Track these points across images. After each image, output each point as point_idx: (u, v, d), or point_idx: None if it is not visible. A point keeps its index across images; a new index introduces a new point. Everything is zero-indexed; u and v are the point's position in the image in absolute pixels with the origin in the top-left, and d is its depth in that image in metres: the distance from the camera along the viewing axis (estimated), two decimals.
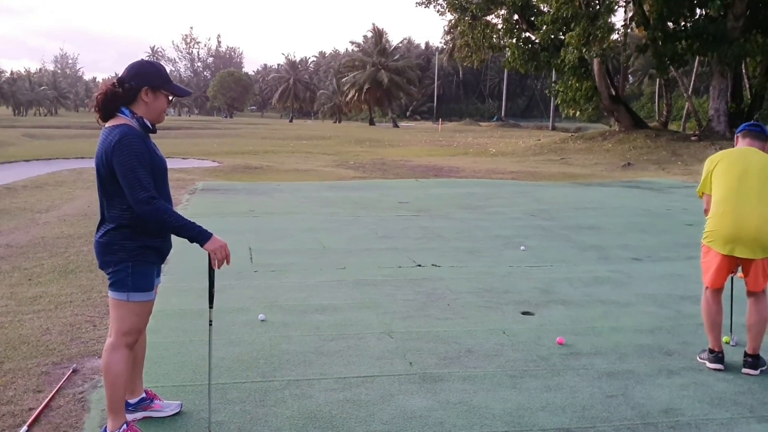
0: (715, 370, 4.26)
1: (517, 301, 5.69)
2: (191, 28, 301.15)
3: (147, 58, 2.96)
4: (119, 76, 3.03)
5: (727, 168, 4.30)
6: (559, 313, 5.42)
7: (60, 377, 3.79)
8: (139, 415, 3.28)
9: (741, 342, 4.57)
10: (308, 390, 3.76)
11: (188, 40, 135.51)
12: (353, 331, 4.81)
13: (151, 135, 3.10)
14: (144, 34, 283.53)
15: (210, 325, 3.15)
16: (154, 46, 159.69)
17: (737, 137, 4.59)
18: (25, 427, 3.16)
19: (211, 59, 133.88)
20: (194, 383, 3.79)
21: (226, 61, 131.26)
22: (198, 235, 2.93)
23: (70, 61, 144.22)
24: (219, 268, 2.99)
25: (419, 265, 6.98)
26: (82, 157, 21.21)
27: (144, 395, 3.34)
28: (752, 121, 5.29)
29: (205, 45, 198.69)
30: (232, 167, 19.42)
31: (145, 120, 3.02)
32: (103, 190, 2.98)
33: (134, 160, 2.84)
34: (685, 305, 5.67)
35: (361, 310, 5.34)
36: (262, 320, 4.96)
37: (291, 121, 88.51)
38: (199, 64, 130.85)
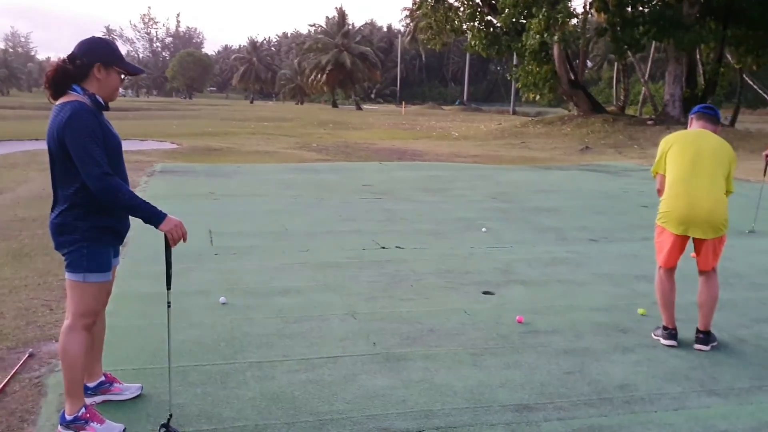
0: (668, 346, 4.40)
1: (478, 282, 5.77)
2: (149, 7, 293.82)
3: (99, 36, 2.91)
4: (70, 52, 2.95)
5: (681, 150, 4.43)
6: (519, 292, 5.51)
7: (15, 362, 3.71)
8: (99, 398, 3.24)
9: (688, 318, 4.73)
10: (270, 371, 3.76)
11: (146, 20, 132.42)
12: (316, 313, 4.82)
13: (104, 113, 3.02)
14: (100, 13, 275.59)
15: (168, 306, 3.11)
16: (109, 26, 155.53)
17: (691, 119, 4.73)
18: None
19: (170, 39, 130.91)
20: (154, 366, 3.75)
21: (186, 42, 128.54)
22: (151, 216, 2.87)
23: (22, 39, 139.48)
24: (175, 246, 2.96)
25: (383, 247, 7.00)
26: (37, 139, 20.58)
27: (103, 378, 3.30)
28: (706, 104, 5.44)
29: (163, 25, 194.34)
30: (191, 149, 19.11)
31: (97, 97, 2.94)
32: (55, 169, 2.92)
33: (86, 136, 2.78)
34: (639, 284, 5.82)
35: (324, 292, 5.35)
36: (224, 303, 4.92)
37: (252, 102, 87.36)
38: (157, 44, 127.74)
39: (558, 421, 3.29)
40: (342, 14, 72.90)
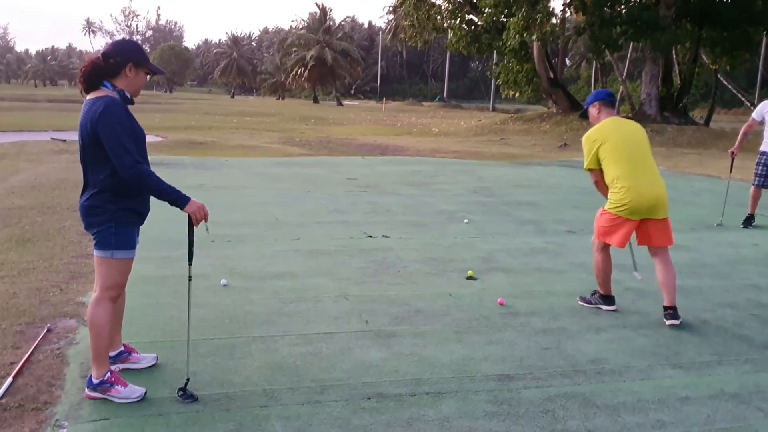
0: (612, 310, 5.08)
1: (462, 269, 6.10)
2: (130, 0, 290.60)
3: (128, 38, 3.31)
4: (103, 50, 3.27)
5: (615, 147, 4.91)
6: (500, 279, 5.87)
7: (35, 336, 3.98)
8: (119, 366, 3.54)
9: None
10: (273, 345, 4.08)
11: (127, 13, 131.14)
12: (311, 295, 5.13)
13: (129, 107, 3.33)
14: (78, 6, 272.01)
15: (189, 280, 3.44)
16: (89, 18, 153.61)
17: (597, 106, 5.18)
18: (9, 379, 3.37)
19: (150, 33, 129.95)
20: (164, 339, 4.06)
21: (167, 35, 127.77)
22: (177, 199, 3.21)
23: (0, 31, 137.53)
24: (197, 225, 3.33)
25: (370, 237, 7.33)
26: (21, 130, 20.63)
27: (122, 348, 3.60)
28: (605, 90, 5.84)
29: (144, 18, 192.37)
30: (176, 142, 19.25)
31: (125, 92, 3.26)
32: (86, 157, 3.21)
33: (119, 128, 3.09)
34: (613, 273, 6.19)
35: (317, 277, 5.66)
36: (225, 285, 5.23)
37: (233, 96, 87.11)
38: (138, 37, 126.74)
39: (536, 389, 3.65)
40: (324, 10, 72.96)
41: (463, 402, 3.45)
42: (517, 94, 30.76)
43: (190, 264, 3.45)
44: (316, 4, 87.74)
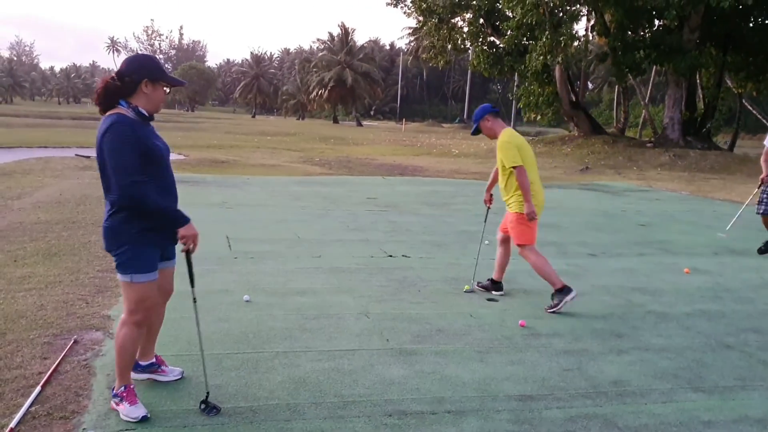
0: (572, 298, 5.48)
1: (483, 290, 6.11)
2: (152, 20, 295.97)
3: (143, 53, 3.24)
4: (118, 69, 3.21)
5: (525, 153, 5.64)
6: (521, 300, 5.87)
7: (63, 347, 4.06)
8: (144, 376, 3.59)
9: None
10: (295, 360, 4.12)
11: (150, 32, 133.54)
12: (332, 312, 5.17)
13: (151, 123, 3.30)
14: (103, 24, 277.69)
15: (194, 302, 3.49)
16: (113, 37, 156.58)
17: (489, 119, 5.75)
18: (38, 388, 3.43)
19: (173, 52, 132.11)
20: (189, 353, 4.11)
21: (189, 54, 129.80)
22: (175, 220, 3.20)
23: (26, 48, 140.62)
24: (184, 251, 3.30)
25: (390, 256, 7.36)
26: (45, 146, 21.03)
27: (154, 360, 3.66)
28: (487, 104, 6.20)
29: (167, 37, 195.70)
30: (198, 161, 19.52)
31: (140, 108, 3.16)
32: (103, 176, 3.15)
33: (120, 145, 3.00)
34: (635, 295, 6.18)
35: (338, 294, 5.71)
36: (247, 301, 5.28)
37: (253, 116, 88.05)
38: (161, 56, 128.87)
39: (557, 410, 3.64)
40: (346, 32, 73.78)
41: (484, 421, 3.45)
42: (539, 117, 30.80)
43: (192, 287, 3.47)
44: (339, 25, 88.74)
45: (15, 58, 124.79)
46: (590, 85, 66.39)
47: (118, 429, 3.15)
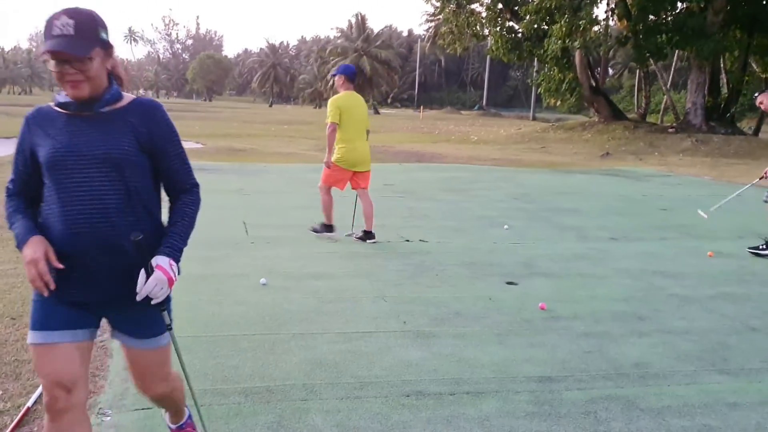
0: (330, 237, 7.06)
1: (502, 273, 6.05)
2: (170, 9, 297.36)
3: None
4: None
5: (350, 116, 6.82)
6: (541, 283, 5.79)
7: None
8: None
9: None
10: (312, 342, 4.09)
11: (167, 22, 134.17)
12: (349, 295, 5.14)
13: (87, 114, 2.16)
14: (120, 14, 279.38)
15: (169, 329, 2.39)
16: (131, 27, 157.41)
17: (342, 79, 6.91)
18: None
19: (190, 41, 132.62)
20: (206, 334, 4.11)
21: (206, 44, 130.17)
22: (17, 241, 2.16)
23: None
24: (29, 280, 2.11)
25: (407, 240, 7.31)
26: None
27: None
28: (351, 66, 7.27)
29: (184, 27, 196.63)
30: (216, 149, 19.56)
31: (56, 95, 2.21)
32: None
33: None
34: (657, 279, 6.07)
35: (354, 278, 5.67)
36: (264, 284, 5.26)
37: (271, 105, 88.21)
38: (178, 46, 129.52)
39: (578, 391, 3.58)
40: (362, 19, 73.48)
41: (503, 402, 3.40)
42: (558, 103, 30.48)
43: (164, 311, 2.31)
44: (356, 13, 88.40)
45: (34, 49, 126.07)
46: (610, 71, 65.57)
47: (134, 408, 3.14)
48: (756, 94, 7.52)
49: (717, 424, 3.26)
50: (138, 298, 2.14)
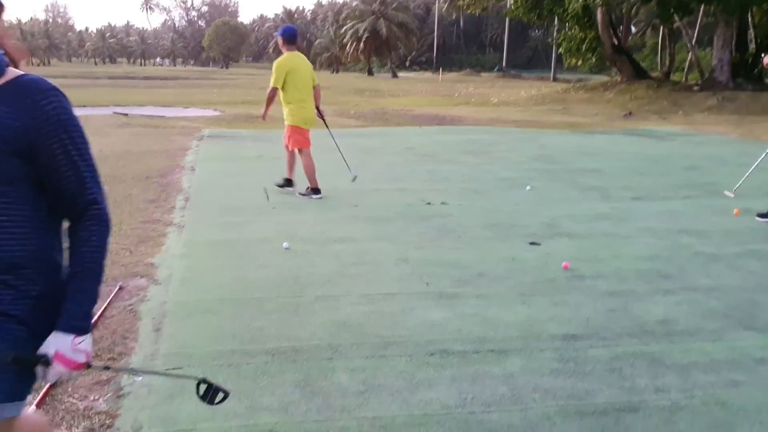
0: (318, 198, 7.23)
1: (524, 234, 6.02)
2: None
3: None
4: None
5: (295, 77, 7.11)
6: (564, 244, 5.76)
7: (108, 293, 4.13)
8: None
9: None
10: (335, 304, 4.12)
11: None
12: (371, 258, 5.15)
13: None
14: None
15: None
16: None
17: (281, 40, 7.21)
18: None
19: (206, 9, 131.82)
20: (231, 297, 4.17)
21: (222, 11, 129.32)
22: None
23: (61, 10, 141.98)
24: None
25: (428, 203, 7.29)
26: (84, 105, 21.30)
27: None
28: (289, 27, 7.53)
29: None
30: (233, 116, 19.56)
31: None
32: None
33: None
34: (682, 237, 6.00)
35: (376, 241, 5.68)
36: (287, 248, 5.30)
37: None
38: (194, 13, 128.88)
39: (603, 348, 3.58)
40: None
41: (528, 360, 3.41)
42: (579, 63, 29.92)
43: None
44: None
45: (50, 20, 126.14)
46: (633, 29, 64.08)
47: (164, 369, 3.20)
48: (763, 55, 7.35)
49: (744, 379, 3.24)
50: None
